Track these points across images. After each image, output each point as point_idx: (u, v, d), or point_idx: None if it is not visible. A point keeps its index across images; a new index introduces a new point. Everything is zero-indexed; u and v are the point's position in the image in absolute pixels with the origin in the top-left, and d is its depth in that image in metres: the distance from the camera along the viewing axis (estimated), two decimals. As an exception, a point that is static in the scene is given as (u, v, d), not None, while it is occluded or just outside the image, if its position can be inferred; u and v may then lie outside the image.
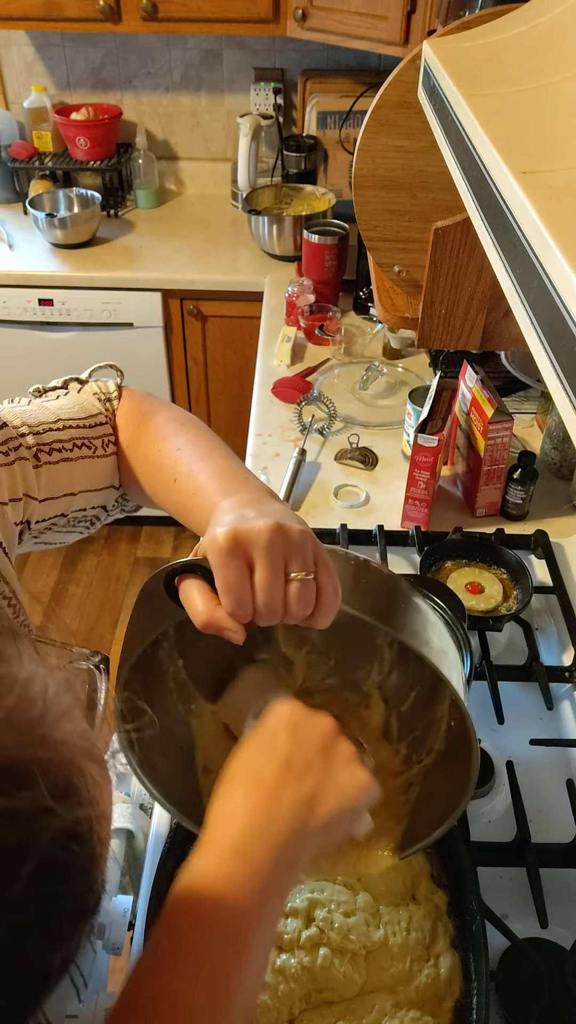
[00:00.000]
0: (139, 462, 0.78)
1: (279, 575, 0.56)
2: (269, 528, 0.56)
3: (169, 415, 0.79)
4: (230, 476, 0.69)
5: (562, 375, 0.33)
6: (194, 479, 0.70)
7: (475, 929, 0.79)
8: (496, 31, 0.74)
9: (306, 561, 0.57)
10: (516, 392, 1.70)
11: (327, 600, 0.58)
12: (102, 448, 0.78)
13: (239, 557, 0.55)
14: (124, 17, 2.15)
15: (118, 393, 0.82)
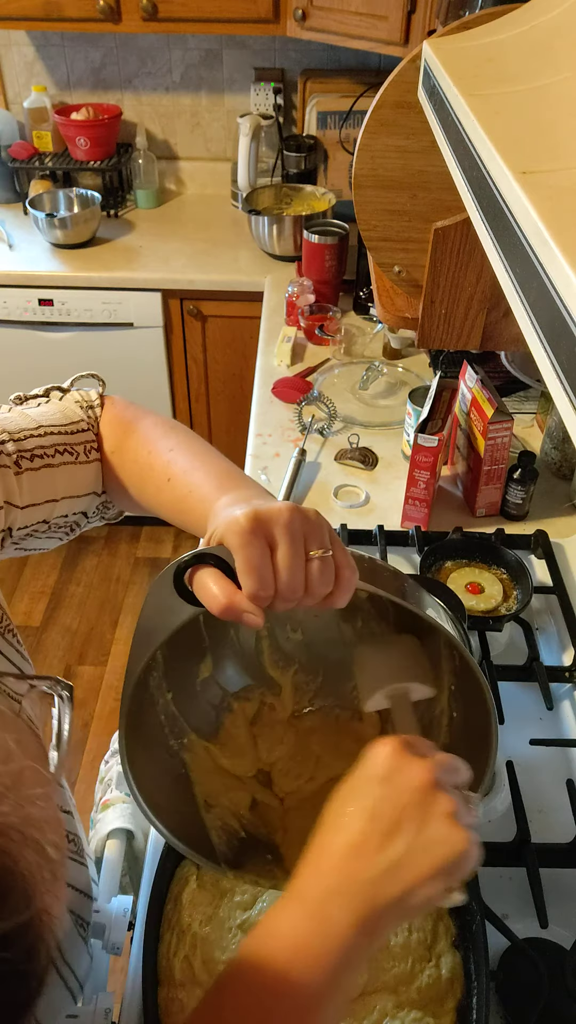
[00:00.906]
0: (127, 465, 0.78)
1: (300, 553, 0.56)
2: (288, 507, 0.57)
3: (156, 420, 0.80)
4: (227, 475, 0.69)
5: (562, 375, 0.33)
6: (190, 477, 0.70)
7: (475, 929, 0.79)
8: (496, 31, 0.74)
9: (323, 539, 0.57)
10: (516, 392, 1.70)
11: (346, 576, 0.58)
12: (84, 454, 0.78)
13: (260, 536, 0.55)
14: (124, 17, 2.15)
15: (100, 401, 0.83)
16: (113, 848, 1.00)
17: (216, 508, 0.64)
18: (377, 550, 1.33)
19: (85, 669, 2.49)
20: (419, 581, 1.11)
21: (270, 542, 0.56)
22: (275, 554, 0.55)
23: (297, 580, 0.56)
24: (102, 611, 2.67)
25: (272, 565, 0.55)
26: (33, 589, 2.73)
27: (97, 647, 2.56)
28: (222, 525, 0.57)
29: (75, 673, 2.48)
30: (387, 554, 1.32)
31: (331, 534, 0.58)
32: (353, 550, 0.66)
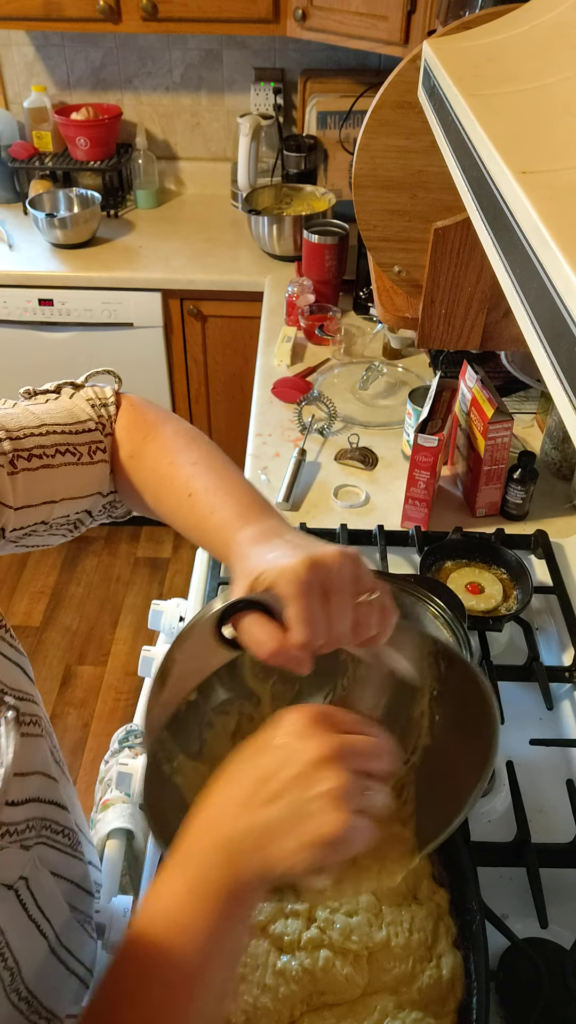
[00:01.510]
0: (145, 473, 0.75)
1: (351, 598, 0.56)
2: (340, 553, 0.56)
3: (177, 428, 0.77)
4: (250, 500, 0.68)
5: (562, 375, 0.33)
6: (212, 497, 0.68)
7: (475, 929, 0.79)
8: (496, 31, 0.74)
9: (372, 581, 0.57)
10: (516, 392, 1.70)
11: (388, 615, 0.58)
12: (88, 455, 0.75)
13: (317, 586, 0.54)
14: (124, 17, 2.15)
15: (115, 400, 0.80)
16: (113, 848, 1.01)
17: (239, 540, 0.62)
18: (377, 550, 1.34)
19: (85, 669, 2.49)
20: (419, 581, 1.11)
21: (326, 587, 0.55)
22: (329, 600, 0.55)
23: (346, 627, 0.56)
24: (102, 611, 2.67)
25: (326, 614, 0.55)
26: (33, 589, 2.73)
27: (97, 647, 2.56)
28: (274, 571, 0.55)
29: (75, 673, 2.48)
30: (387, 554, 1.32)
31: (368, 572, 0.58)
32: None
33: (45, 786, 0.74)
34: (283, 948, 0.79)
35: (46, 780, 0.74)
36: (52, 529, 0.77)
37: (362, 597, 0.56)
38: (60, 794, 0.78)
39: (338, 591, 0.55)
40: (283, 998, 0.76)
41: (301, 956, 0.78)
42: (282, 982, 0.77)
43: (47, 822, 0.74)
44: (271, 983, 0.77)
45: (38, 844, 0.72)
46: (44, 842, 0.74)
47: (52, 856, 0.75)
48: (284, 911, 0.82)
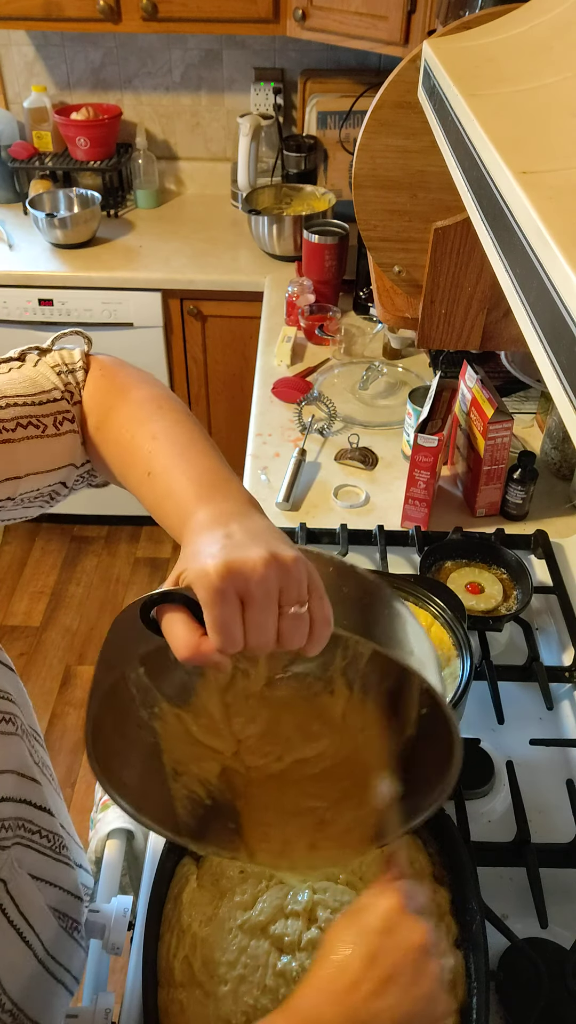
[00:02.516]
0: (109, 446, 0.71)
1: (272, 609, 0.52)
2: (264, 561, 0.52)
3: (144, 394, 0.71)
4: (210, 479, 0.63)
5: (562, 375, 0.33)
6: (169, 477, 0.64)
7: (475, 929, 0.79)
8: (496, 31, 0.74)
9: (301, 591, 0.53)
10: (516, 392, 1.70)
11: (319, 631, 0.54)
12: (53, 427, 0.70)
13: (231, 593, 0.51)
14: (124, 17, 2.15)
15: (84, 363, 0.74)
16: (113, 848, 1.01)
17: (192, 525, 0.58)
18: (377, 550, 1.33)
19: (85, 669, 2.49)
20: (419, 581, 1.11)
21: (242, 597, 0.51)
22: (246, 610, 0.52)
23: (267, 638, 0.53)
24: (102, 611, 2.67)
25: (242, 622, 0.52)
26: (33, 589, 2.73)
27: (97, 647, 2.55)
28: (192, 572, 0.52)
29: (75, 673, 2.48)
30: (387, 554, 1.32)
31: (310, 580, 0.54)
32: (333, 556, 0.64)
33: (21, 786, 0.72)
34: (283, 949, 0.79)
35: (22, 780, 0.72)
36: (25, 503, 0.73)
37: (291, 609, 0.53)
38: (42, 797, 0.76)
39: (256, 601, 0.51)
40: (284, 999, 0.76)
41: (301, 957, 0.78)
42: (282, 983, 0.77)
43: (23, 822, 0.72)
44: (271, 984, 0.77)
45: (15, 845, 0.71)
46: (21, 843, 0.72)
47: (32, 859, 0.74)
48: (284, 911, 0.82)
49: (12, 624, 2.62)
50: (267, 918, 0.81)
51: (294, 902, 0.82)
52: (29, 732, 0.77)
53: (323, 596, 0.55)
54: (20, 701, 0.76)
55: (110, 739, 0.68)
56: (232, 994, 0.76)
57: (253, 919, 0.81)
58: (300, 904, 0.82)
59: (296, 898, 0.82)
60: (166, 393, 0.73)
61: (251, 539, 0.54)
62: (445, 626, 1.06)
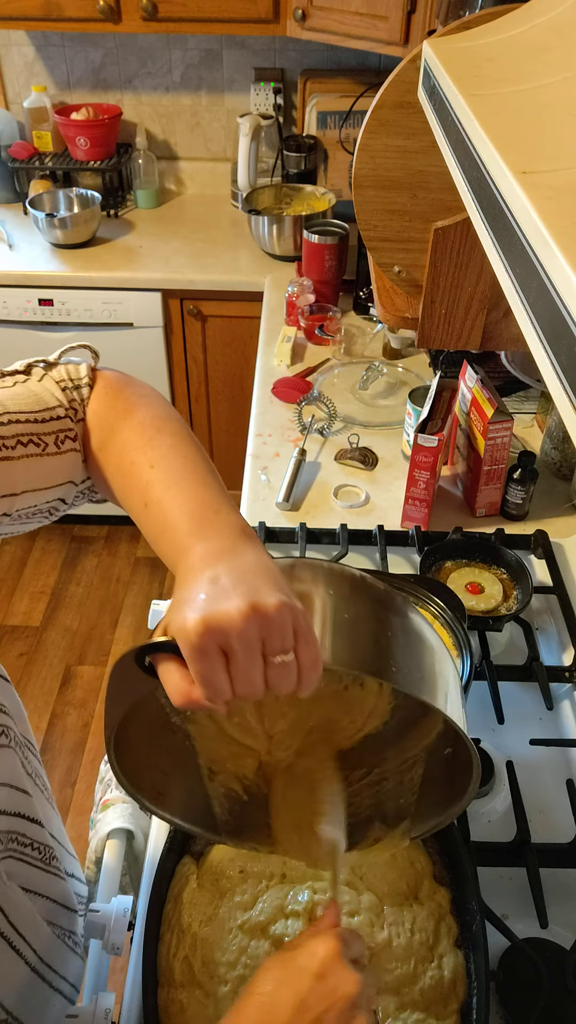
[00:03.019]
0: (110, 470, 0.70)
1: (256, 661, 0.52)
2: (243, 615, 0.51)
3: (145, 416, 0.70)
4: (203, 513, 0.62)
5: (562, 375, 0.33)
6: (164, 511, 0.63)
7: (475, 929, 0.79)
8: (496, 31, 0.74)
9: (285, 640, 0.53)
10: (516, 392, 1.70)
11: (308, 675, 0.54)
12: (55, 445, 0.69)
13: (211, 648, 0.51)
14: (124, 17, 2.15)
15: (90, 379, 0.73)
16: (113, 848, 1.01)
17: (183, 566, 0.58)
18: (377, 550, 1.34)
19: (85, 669, 2.49)
20: (419, 581, 1.11)
21: (224, 650, 0.52)
22: (230, 663, 0.52)
23: (254, 687, 0.53)
24: (102, 611, 2.67)
25: (228, 673, 0.52)
26: (33, 589, 2.73)
27: (97, 647, 2.56)
28: (173, 626, 0.53)
29: (75, 673, 2.48)
30: (387, 554, 1.32)
31: (297, 623, 0.54)
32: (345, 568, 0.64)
33: (13, 799, 0.72)
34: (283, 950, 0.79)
35: (14, 793, 0.72)
36: (23, 519, 0.72)
37: (277, 658, 0.53)
38: (33, 808, 0.75)
39: (237, 655, 0.52)
40: None
41: None
42: None
43: (14, 835, 0.72)
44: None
45: (7, 858, 0.70)
46: (12, 855, 0.71)
47: (23, 871, 0.73)
48: (285, 911, 0.82)
49: (12, 624, 2.62)
50: (267, 918, 0.81)
51: (294, 902, 0.82)
52: (22, 743, 0.77)
53: (309, 640, 0.54)
54: (14, 711, 0.76)
55: (138, 751, 0.68)
56: (232, 994, 0.76)
57: (253, 919, 0.81)
58: (300, 904, 0.82)
59: (296, 898, 0.82)
60: (167, 413, 0.72)
61: (235, 585, 0.54)
62: (445, 626, 1.06)
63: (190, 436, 0.70)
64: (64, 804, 2.15)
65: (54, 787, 2.18)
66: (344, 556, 1.32)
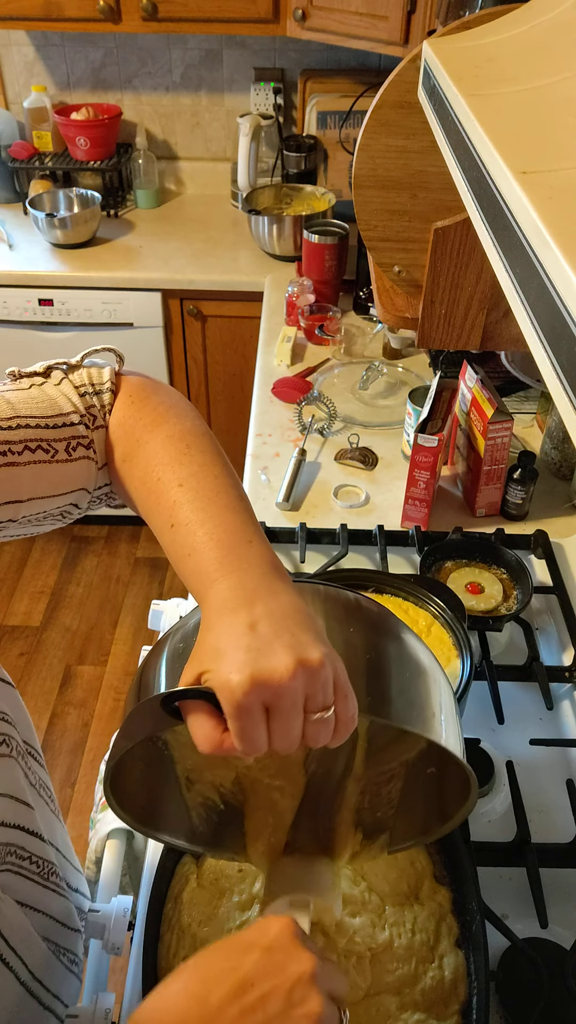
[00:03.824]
0: (135, 483, 0.67)
1: (298, 718, 0.51)
2: (291, 673, 0.50)
3: (174, 430, 0.67)
4: (233, 543, 0.59)
5: (562, 375, 0.33)
6: (192, 535, 0.60)
7: (475, 929, 0.79)
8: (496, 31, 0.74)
9: (327, 696, 0.52)
10: (516, 392, 1.70)
11: (344, 729, 0.54)
12: (65, 452, 0.67)
13: (256, 706, 0.50)
14: (124, 17, 2.15)
15: (113, 384, 0.70)
16: (113, 848, 1.01)
17: (209, 600, 0.56)
18: (377, 550, 1.33)
19: (85, 669, 2.49)
20: (419, 581, 1.11)
21: (268, 706, 0.51)
22: (271, 719, 0.51)
23: (291, 742, 0.52)
24: (102, 611, 2.67)
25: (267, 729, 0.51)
26: (33, 589, 2.73)
27: (97, 647, 2.56)
28: (215, 680, 0.51)
29: (75, 673, 2.48)
30: (387, 554, 1.32)
31: (336, 680, 0.53)
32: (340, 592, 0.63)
33: (13, 810, 0.70)
34: None
35: (15, 804, 0.71)
36: (34, 523, 0.69)
37: (315, 716, 0.52)
38: (34, 821, 0.74)
39: (281, 712, 0.51)
40: None
41: None
42: None
43: (12, 847, 0.70)
44: None
45: (3, 871, 0.69)
46: (10, 869, 0.70)
47: (19, 884, 0.72)
48: None
49: (12, 624, 2.62)
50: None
51: None
52: (24, 751, 0.75)
53: (348, 694, 0.53)
54: (17, 718, 0.74)
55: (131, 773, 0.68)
56: None
57: (252, 919, 0.81)
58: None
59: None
60: (197, 428, 0.69)
61: (277, 634, 0.52)
62: (445, 626, 1.06)
63: (220, 454, 0.68)
64: (64, 804, 2.15)
65: (54, 787, 2.18)
66: (344, 556, 1.32)
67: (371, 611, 0.65)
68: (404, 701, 0.59)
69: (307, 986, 0.53)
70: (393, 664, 0.61)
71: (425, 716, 0.59)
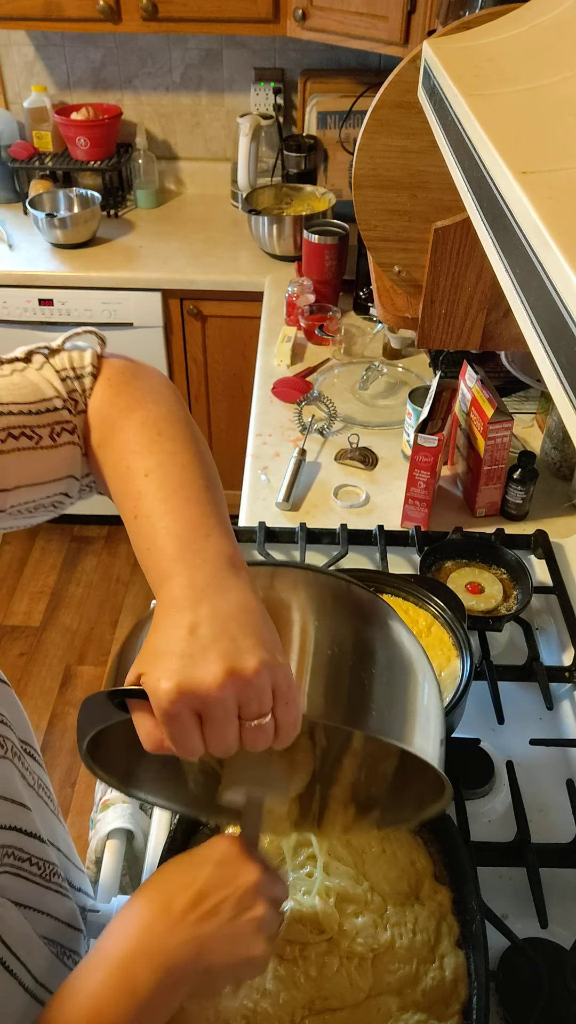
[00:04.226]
0: (108, 470, 0.66)
1: (231, 724, 0.51)
2: (219, 683, 0.50)
3: (148, 416, 0.66)
4: (191, 537, 0.58)
5: (562, 375, 0.33)
6: (152, 528, 0.59)
7: (475, 929, 0.79)
8: (496, 31, 0.74)
9: (262, 704, 0.51)
10: (516, 392, 1.70)
11: (285, 733, 0.53)
12: (49, 439, 0.66)
13: (184, 713, 0.50)
14: (124, 17, 2.15)
15: (94, 367, 0.69)
16: (113, 848, 1.01)
17: (163, 597, 0.56)
18: (377, 550, 1.33)
19: (85, 669, 2.49)
20: (419, 581, 1.11)
21: (197, 712, 0.51)
22: (203, 725, 0.51)
23: (228, 747, 0.52)
24: (102, 611, 2.67)
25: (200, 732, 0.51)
26: (33, 589, 2.73)
27: (97, 647, 2.56)
28: (147, 684, 0.51)
29: (75, 673, 2.48)
30: (387, 554, 1.32)
31: (277, 683, 0.52)
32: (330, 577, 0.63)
33: (8, 812, 0.70)
34: (283, 955, 0.79)
35: (10, 806, 0.70)
36: (24, 514, 0.69)
37: (252, 723, 0.52)
38: (32, 822, 0.73)
39: (213, 720, 0.51)
40: (284, 1003, 0.75)
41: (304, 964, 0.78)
42: (282, 988, 0.76)
43: (10, 849, 0.70)
44: (271, 988, 0.76)
45: (3, 874, 0.68)
46: (9, 871, 0.69)
47: (20, 886, 0.71)
48: None
49: (12, 624, 2.62)
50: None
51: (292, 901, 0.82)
52: (20, 752, 0.75)
53: (289, 700, 0.53)
54: (13, 717, 0.74)
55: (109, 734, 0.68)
56: (231, 995, 0.76)
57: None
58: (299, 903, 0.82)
59: (294, 896, 0.82)
60: (173, 413, 0.67)
61: (214, 639, 0.51)
62: (445, 626, 1.06)
63: (194, 440, 0.66)
64: (64, 804, 2.15)
65: (54, 787, 2.18)
66: (344, 556, 1.32)
67: (361, 600, 0.64)
68: (387, 712, 0.59)
69: (253, 895, 0.61)
70: (372, 661, 0.60)
71: (400, 720, 0.59)
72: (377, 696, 0.58)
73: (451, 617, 1.05)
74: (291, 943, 0.78)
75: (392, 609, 0.66)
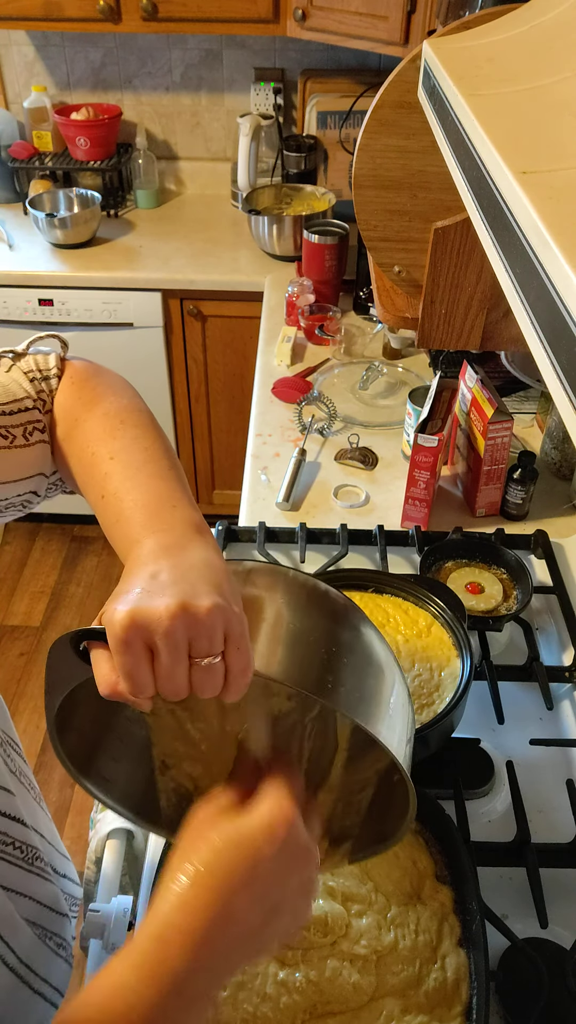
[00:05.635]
0: (73, 460, 0.69)
1: (180, 661, 0.51)
2: (170, 613, 0.50)
3: (110, 407, 0.69)
4: (157, 505, 0.61)
5: (562, 375, 0.33)
6: (120, 503, 0.63)
7: (475, 929, 0.79)
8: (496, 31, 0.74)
9: (213, 643, 0.52)
10: (516, 392, 1.70)
11: (235, 681, 0.53)
12: (23, 437, 0.69)
13: (136, 642, 0.51)
14: (124, 17, 2.15)
15: (58, 369, 0.73)
16: (113, 848, 1.01)
17: (131, 559, 0.58)
18: (377, 550, 1.33)
19: (85, 669, 2.49)
20: (419, 581, 1.11)
21: (148, 645, 0.51)
22: (154, 660, 0.51)
23: (177, 686, 0.52)
24: (102, 611, 2.67)
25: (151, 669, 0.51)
26: (33, 589, 2.73)
27: (97, 647, 2.56)
28: (105, 616, 0.52)
29: (75, 673, 2.48)
30: (387, 554, 1.32)
31: (228, 629, 0.52)
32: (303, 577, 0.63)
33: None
34: (285, 961, 0.78)
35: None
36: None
37: (204, 661, 0.52)
38: (15, 807, 0.74)
39: (161, 653, 0.51)
40: (284, 1008, 0.75)
41: (304, 969, 0.77)
42: (283, 992, 0.75)
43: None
44: (271, 992, 0.76)
45: None
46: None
47: (4, 870, 0.72)
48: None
49: (12, 624, 2.62)
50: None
51: None
52: (4, 740, 0.76)
53: (241, 647, 0.53)
54: None
55: (86, 734, 0.67)
56: (231, 1000, 0.76)
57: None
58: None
59: None
60: (133, 405, 0.71)
61: (173, 582, 0.53)
62: (445, 626, 1.06)
63: (154, 428, 0.70)
64: (64, 804, 2.15)
65: (54, 787, 2.18)
66: (344, 556, 1.32)
67: (336, 602, 0.63)
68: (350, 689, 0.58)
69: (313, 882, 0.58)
70: (343, 651, 0.60)
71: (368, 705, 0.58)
72: (345, 678, 0.58)
73: (451, 617, 1.05)
74: (293, 947, 0.78)
75: (367, 617, 0.66)
